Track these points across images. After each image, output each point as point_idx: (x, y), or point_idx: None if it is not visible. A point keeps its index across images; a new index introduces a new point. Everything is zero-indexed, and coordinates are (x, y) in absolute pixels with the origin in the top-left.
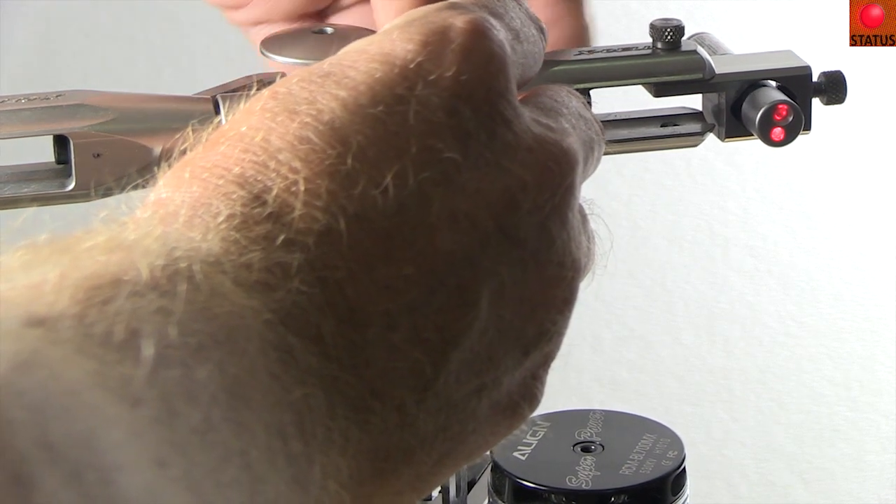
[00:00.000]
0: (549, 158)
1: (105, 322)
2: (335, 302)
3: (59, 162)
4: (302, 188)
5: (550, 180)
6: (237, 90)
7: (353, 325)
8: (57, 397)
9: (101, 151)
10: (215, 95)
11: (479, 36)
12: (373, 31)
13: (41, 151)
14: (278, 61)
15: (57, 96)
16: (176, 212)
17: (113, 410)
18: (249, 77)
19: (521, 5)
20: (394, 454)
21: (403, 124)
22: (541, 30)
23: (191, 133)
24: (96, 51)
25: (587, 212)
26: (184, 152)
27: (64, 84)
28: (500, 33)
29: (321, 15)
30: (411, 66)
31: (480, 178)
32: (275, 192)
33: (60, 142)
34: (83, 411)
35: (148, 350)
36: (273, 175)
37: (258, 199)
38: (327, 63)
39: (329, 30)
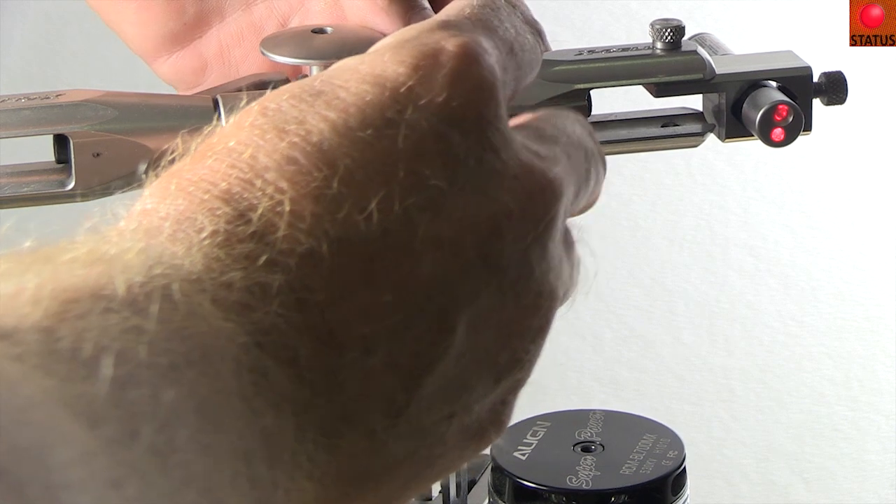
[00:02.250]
0: (535, 188)
1: (74, 338)
2: (313, 325)
3: (59, 161)
4: (287, 209)
5: (535, 210)
6: (237, 90)
7: (329, 349)
8: (9, 412)
9: (101, 151)
10: (215, 95)
11: (470, 61)
12: (372, 31)
13: (41, 151)
14: (278, 61)
15: (57, 96)
16: (160, 225)
17: (68, 428)
18: (249, 77)
19: (516, 10)
20: (361, 478)
21: (392, 149)
22: (538, 33)
23: (179, 142)
24: (96, 51)
25: (574, 238)
26: (171, 161)
27: (64, 84)
28: (492, 56)
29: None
30: (402, 89)
31: (466, 205)
32: (260, 210)
33: (60, 141)
34: (35, 427)
35: (107, 369)
36: (259, 194)
37: (243, 216)
38: (318, 80)
39: (329, 29)
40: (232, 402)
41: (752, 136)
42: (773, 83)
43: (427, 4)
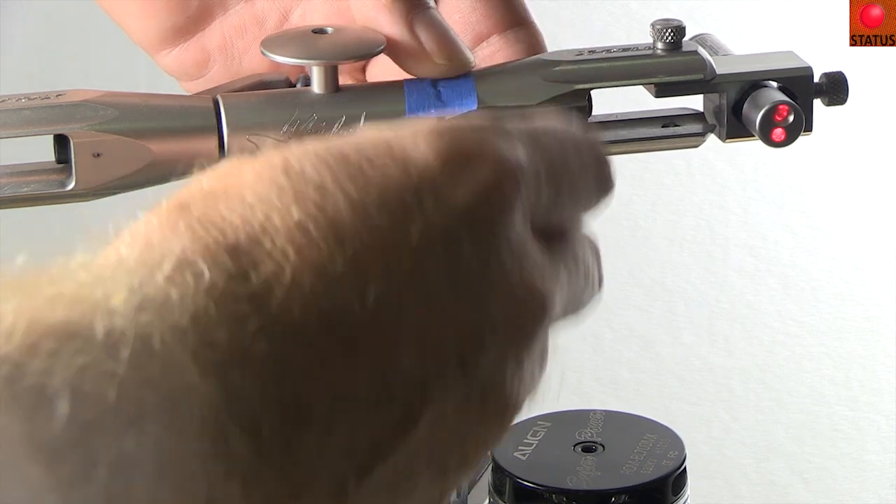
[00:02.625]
0: (527, 309)
1: (42, 375)
2: (285, 398)
3: (59, 161)
4: (288, 278)
5: (521, 328)
6: (237, 90)
7: (294, 424)
8: None
9: (101, 151)
10: (215, 95)
11: (501, 171)
12: (374, 32)
13: (41, 151)
14: (279, 61)
15: (57, 96)
16: (161, 262)
17: (23, 465)
18: (250, 77)
19: (586, 157)
20: None
21: (403, 240)
22: (604, 187)
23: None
24: (96, 51)
25: (548, 350)
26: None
27: (64, 84)
28: (524, 173)
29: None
30: (428, 181)
31: (458, 309)
32: (262, 273)
33: (60, 141)
34: None
35: (64, 409)
36: (264, 256)
37: (244, 275)
38: (349, 144)
39: (329, 30)
40: (189, 462)
41: (753, 136)
42: (774, 83)
43: (432, 3)
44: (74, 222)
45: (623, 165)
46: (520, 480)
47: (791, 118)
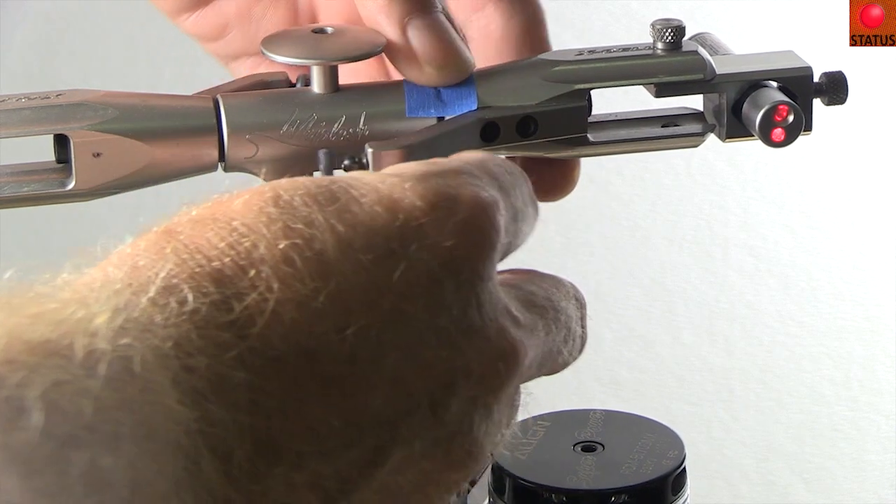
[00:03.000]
0: (501, 356)
1: (20, 388)
2: (258, 429)
3: (59, 161)
4: (270, 308)
5: (493, 377)
6: (238, 90)
7: (265, 455)
8: None
9: (101, 151)
10: (215, 95)
11: (484, 217)
12: (374, 32)
13: (41, 151)
14: (278, 61)
15: (57, 96)
16: (147, 285)
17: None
18: (250, 77)
19: (526, 183)
20: None
21: (386, 280)
22: (536, 210)
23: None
24: (96, 51)
25: (519, 403)
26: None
27: (64, 84)
28: (503, 218)
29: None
30: (413, 223)
31: (435, 352)
32: (245, 302)
33: (60, 141)
34: None
35: (38, 421)
36: (248, 285)
37: (227, 302)
38: (336, 184)
39: (329, 29)
40: (161, 484)
41: (753, 136)
42: (774, 83)
43: (439, 6)
44: (74, 222)
45: (623, 165)
46: (520, 480)
47: (791, 118)
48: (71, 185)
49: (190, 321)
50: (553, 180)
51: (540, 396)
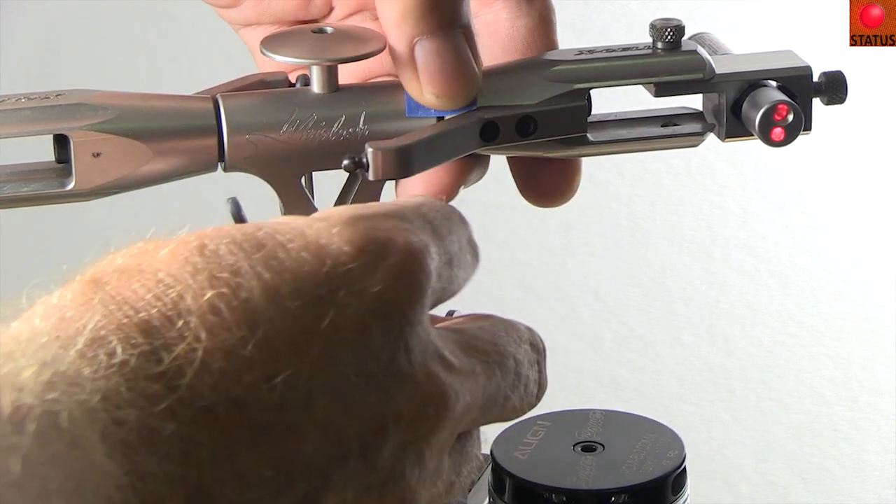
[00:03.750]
0: (430, 401)
1: None
2: (189, 480)
3: (59, 161)
4: (199, 359)
5: (424, 422)
6: (237, 90)
7: None
8: None
9: (100, 151)
10: (215, 95)
11: (414, 262)
12: (371, 30)
13: (41, 151)
14: (278, 61)
15: (57, 96)
16: (75, 337)
17: None
18: (249, 77)
19: (464, 228)
20: None
21: (313, 328)
22: (476, 256)
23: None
24: (96, 51)
25: (471, 449)
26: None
27: (64, 84)
28: (434, 262)
29: (313, 23)
30: (340, 269)
31: (364, 398)
32: (174, 353)
33: (60, 141)
34: None
35: None
36: (176, 336)
37: (155, 354)
38: (263, 231)
39: (329, 30)
40: None
41: (752, 135)
42: (773, 83)
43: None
44: (74, 222)
45: (623, 165)
46: (520, 480)
47: (790, 118)
48: (71, 185)
49: (119, 373)
50: (553, 185)
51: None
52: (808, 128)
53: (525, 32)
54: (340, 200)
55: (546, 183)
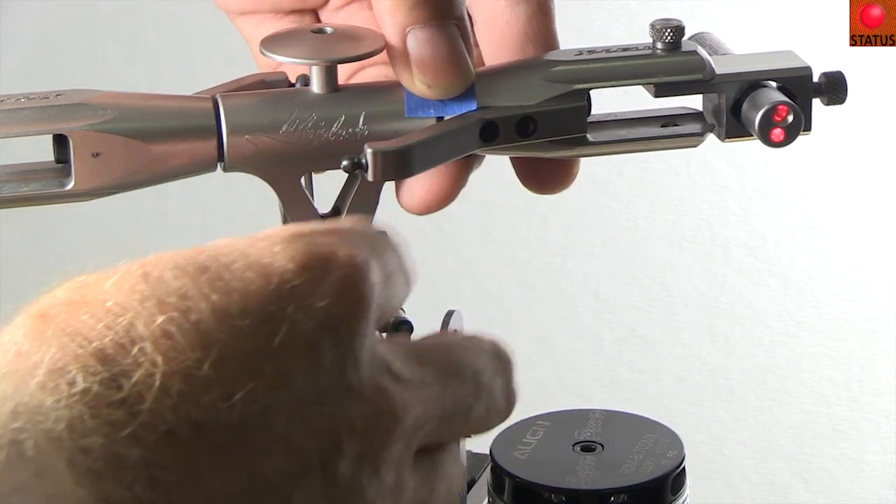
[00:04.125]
0: (380, 413)
1: None
2: (158, 503)
3: (58, 161)
4: (157, 383)
5: (376, 434)
6: (237, 90)
7: None
8: None
9: (100, 151)
10: (215, 95)
11: (356, 274)
12: (370, 30)
13: (41, 151)
14: (278, 61)
15: (57, 95)
16: (34, 370)
17: None
18: (249, 77)
19: (397, 252)
20: None
21: (266, 344)
22: (408, 279)
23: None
24: (96, 51)
25: (440, 463)
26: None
27: (64, 84)
28: (375, 275)
29: (311, 13)
30: (287, 286)
31: (319, 413)
32: (133, 379)
33: (60, 141)
34: None
35: None
36: (132, 362)
37: (115, 381)
38: (205, 254)
39: (329, 29)
40: None
41: (752, 136)
42: (773, 83)
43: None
44: (74, 222)
45: (623, 165)
46: (519, 480)
47: (790, 118)
48: (70, 185)
49: (81, 402)
50: (552, 173)
51: (540, 396)
52: (807, 128)
53: (524, 20)
54: (340, 200)
55: (545, 171)
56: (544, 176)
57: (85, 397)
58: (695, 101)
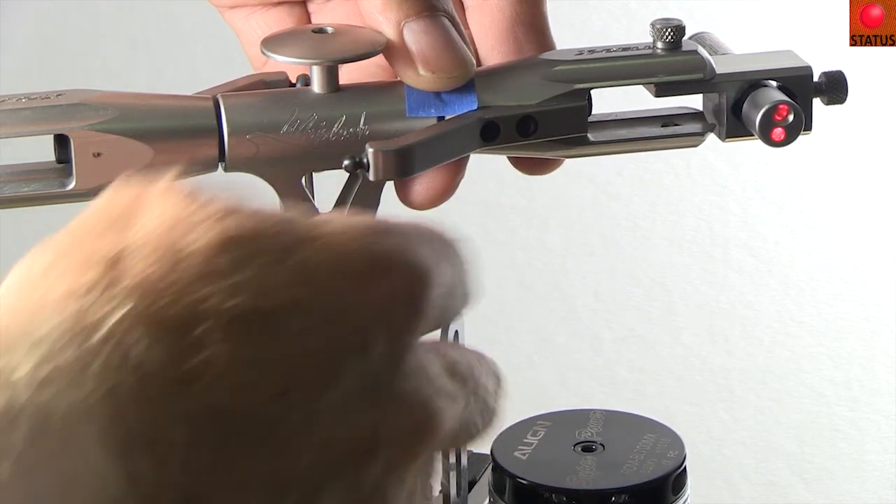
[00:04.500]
0: (421, 423)
1: None
2: (189, 484)
3: (59, 161)
4: (218, 365)
5: (412, 445)
6: (237, 90)
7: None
8: None
9: (101, 151)
10: (215, 95)
11: (419, 284)
12: (371, 30)
13: (41, 151)
14: (278, 61)
15: (57, 95)
16: (90, 333)
17: None
18: (249, 77)
19: (464, 266)
20: None
21: (329, 343)
22: (466, 298)
23: None
24: (96, 51)
25: (433, 471)
26: None
27: (64, 84)
28: (437, 288)
29: (300, 3)
30: (357, 286)
31: (362, 415)
32: (197, 357)
33: (61, 141)
34: None
35: None
36: (198, 337)
37: (176, 355)
38: (291, 236)
39: (329, 30)
40: None
41: (753, 135)
42: (774, 83)
43: (445, 8)
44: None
45: (623, 165)
46: (520, 480)
47: (791, 118)
48: (71, 185)
49: (133, 373)
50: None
51: (540, 396)
52: (808, 128)
53: (514, 2)
54: (341, 200)
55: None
56: (534, 159)
57: (138, 370)
58: (695, 101)
